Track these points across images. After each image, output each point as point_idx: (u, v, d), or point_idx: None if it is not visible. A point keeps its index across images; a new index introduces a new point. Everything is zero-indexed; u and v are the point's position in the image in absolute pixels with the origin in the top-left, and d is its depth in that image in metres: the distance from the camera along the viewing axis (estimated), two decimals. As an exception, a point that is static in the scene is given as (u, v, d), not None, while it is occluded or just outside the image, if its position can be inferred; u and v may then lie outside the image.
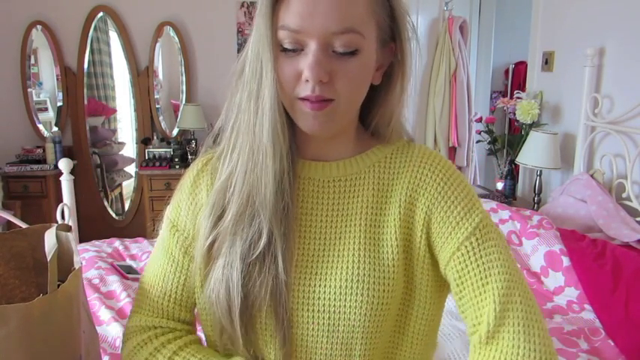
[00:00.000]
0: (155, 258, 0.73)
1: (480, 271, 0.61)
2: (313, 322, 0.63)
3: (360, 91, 0.62)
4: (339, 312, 0.63)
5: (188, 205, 0.71)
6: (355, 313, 0.62)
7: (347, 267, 0.64)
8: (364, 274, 0.63)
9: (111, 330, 1.51)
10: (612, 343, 1.52)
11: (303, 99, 0.59)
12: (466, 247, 0.62)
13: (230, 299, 0.62)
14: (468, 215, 0.64)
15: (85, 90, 3.30)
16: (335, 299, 0.63)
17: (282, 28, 0.57)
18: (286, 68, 0.59)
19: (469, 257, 0.62)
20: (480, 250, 0.62)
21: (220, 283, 0.63)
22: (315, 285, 0.64)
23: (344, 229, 0.66)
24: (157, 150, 3.32)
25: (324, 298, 0.63)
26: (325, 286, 0.64)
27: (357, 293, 0.62)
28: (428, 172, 0.66)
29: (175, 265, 0.70)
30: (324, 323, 0.63)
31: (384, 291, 0.63)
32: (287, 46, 0.58)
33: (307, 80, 0.57)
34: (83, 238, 2.46)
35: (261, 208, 0.62)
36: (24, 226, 0.78)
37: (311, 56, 0.56)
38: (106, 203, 3.48)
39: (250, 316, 0.63)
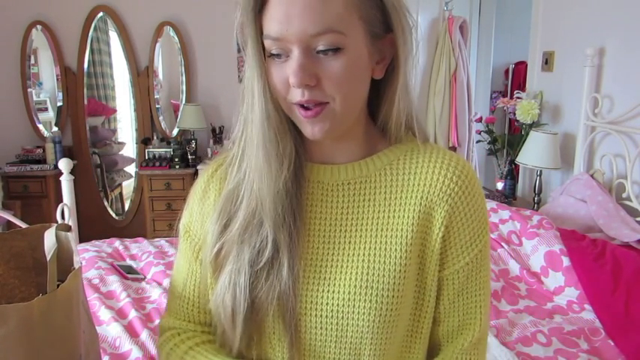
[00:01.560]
0: (176, 263, 0.75)
1: (477, 283, 0.68)
2: (321, 327, 0.63)
3: (354, 90, 0.60)
4: (348, 317, 0.62)
5: (198, 210, 0.71)
6: (364, 320, 0.62)
7: (356, 272, 0.63)
8: (373, 281, 0.62)
9: (111, 330, 1.51)
10: (612, 343, 1.52)
11: (298, 105, 0.59)
12: (473, 262, 0.66)
13: (235, 304, 0.62)
14: (482, 228, 0.66)
15: (85, 90, 3.31)
16: (343, 305, 0.62)
17: (265, 38, 0.58)
18: (276, 75, 0.59)
19: (473, 270, 0.67)
20: (481, 265, 0.67)
21: (227, 288, 0.63)
22: (323, 290, 0.63)
23: (354, 233, 0.65)
24: (157, 150, 3.32)
25: (333, 304, 0.63)
26: (334, 291, 0.63)
27: (365, 300, 0.62)
28: (453, 177, 0.64)
29: (191, 271, 0.72)
30: (332, 328, 0.63)
31: (393, 297, 0.62)
32: (274, 52, 0.58)
33: (295, 87, 0.57)
34: (83, 238, 2.46)
35: (265, 217, 0.62)
36: (24, 226, 0.78)
37: (294, 62, 0.56)
38: (106, 203, 3.48)
39: (254, 322, 0.63)
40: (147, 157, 3.30)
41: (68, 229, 0.73)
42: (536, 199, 2.67)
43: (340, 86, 0.58)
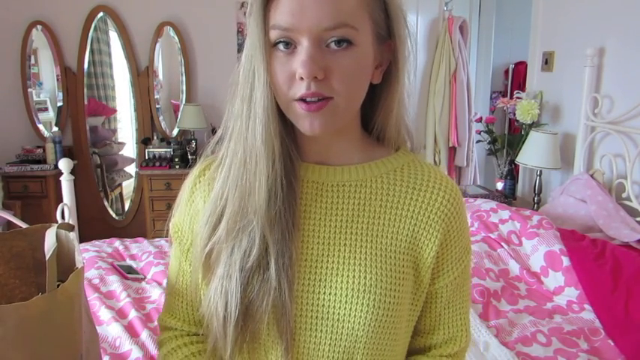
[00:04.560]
0: (171, 261, 0.76)
1: (462, 295, 0.71)
2: (316, 329, 0.63)
3: (359, 88, 0.60)
4: (343, 320, 0.62)
5: (186, 212, 0.71)
6: (359, 323, 0.62)
7: (354, 275, 0.63)
8: (371, 285, 0.62)
9: (111, 330, 1.51)
10: (612, 343, 1.52)
11: (300, 100, 0.57)
12: (461, 276, 0.69)
13: (227, 311, 0.62)
14: (468, 245, 0.70)
15: (85, 90, 3.30)
16: (340, 307, 0.62)
17: (273, 28, 0.56)
18: (280, 70, 0.57)
19: (459, 284, 0.70)
20: (466, 279, 0.71)
21: (220, 295, 0.62)
22: (319, 292, 0.63)
23: (349, 236, 0.64)
24: (157, 150, 3.31)
25: (329, 306, 0.62)
26: (330, 293, 0.63)
27: (362, 303, 0.62)
28: (450, 199, 0.66)
29: (182, 271, 0.72)
30: (327, 331, 0.63)
31: (390, 303, 0.63)
32: (280, 45, 0.57)
33: (302, 78, 0.56)
34: (83, 238, 2.46)
35: (254, 214, 0.61)
36: (24, 226, 0.78)
37: (304, 53, 0.55)
38: (106, 203, 3.48)
39: (247, 328, 0.62)
40: (147, 157, 3.30)
41: (71, 228, 0.73)
42: (536, 199, 2.67)
43: (347, 81, 0.57)
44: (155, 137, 3.45)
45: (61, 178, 2.33)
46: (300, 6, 0.54)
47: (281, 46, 0.57)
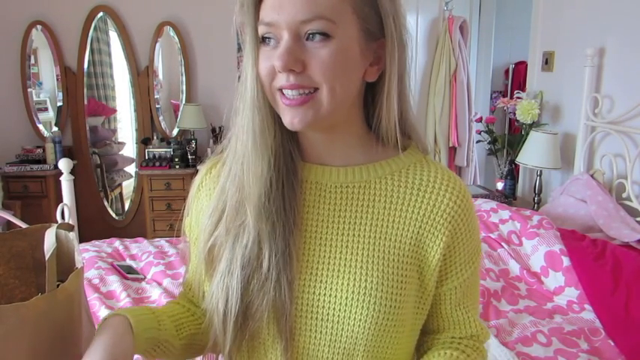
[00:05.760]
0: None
1: (473, 295, 0.71)
2: (316, 330, 0.63)
3: (342, 81, 0.59)
4: (343, 322, 0.62)
5: (193, 207, 0.73)
6: (359, 326, 0.61)
7: (354, 278, 0.62)
8: (372, 288, 0.62)
9: (111, 330, 1.50)
10: (612, 343, 1.52)
11: (282, 91, 0.58)
12: (470, 277, 0.69)
13: (227, 307, 0.62)
14: (477, 247, 0.70)
15: (85, 90, 3.31)
16: (339, 309, 0.62)
17: (260, 24, 0.59)
18: (263, 63, 0.59)
19: (470, 283, 0.70)
20: (476, 280, 0.71)
21: (221, 292, 0.63)
22: (319, 293, 0.63)
23: (351, 238, 0.64)
24: (157, 150, 3.31)
25: (329, 307, 0.62)
26: (330, 295, 0.62)
27: (362, 306, 0.61)
28: (457, 200, 0.65)
29: (191, 263, 0.75)
30: (326, 332, 0.62)
31: (391, 306, 0.62)
32: (266, 41, 0.59)
33: (280, 71, 0.57)
34: (83, 238, 2.46)
35: (250, 210, 0.62)
36: (24, 226, 0.78)
37: (281, 47, 0.57)
38: (106, 203, 3.48)
39: (247, 326, 0.63)
40: (147, 157, 3.30)
41: (70, 228, 0.73)
42: (536, 199, 2.67)
43: (326, 73, 0.57)
44: (155, 137, 3.45)
45: (60, 178, 2.33)
46: (280, 1, 0.56)
47: (267, 41, 0.59)
